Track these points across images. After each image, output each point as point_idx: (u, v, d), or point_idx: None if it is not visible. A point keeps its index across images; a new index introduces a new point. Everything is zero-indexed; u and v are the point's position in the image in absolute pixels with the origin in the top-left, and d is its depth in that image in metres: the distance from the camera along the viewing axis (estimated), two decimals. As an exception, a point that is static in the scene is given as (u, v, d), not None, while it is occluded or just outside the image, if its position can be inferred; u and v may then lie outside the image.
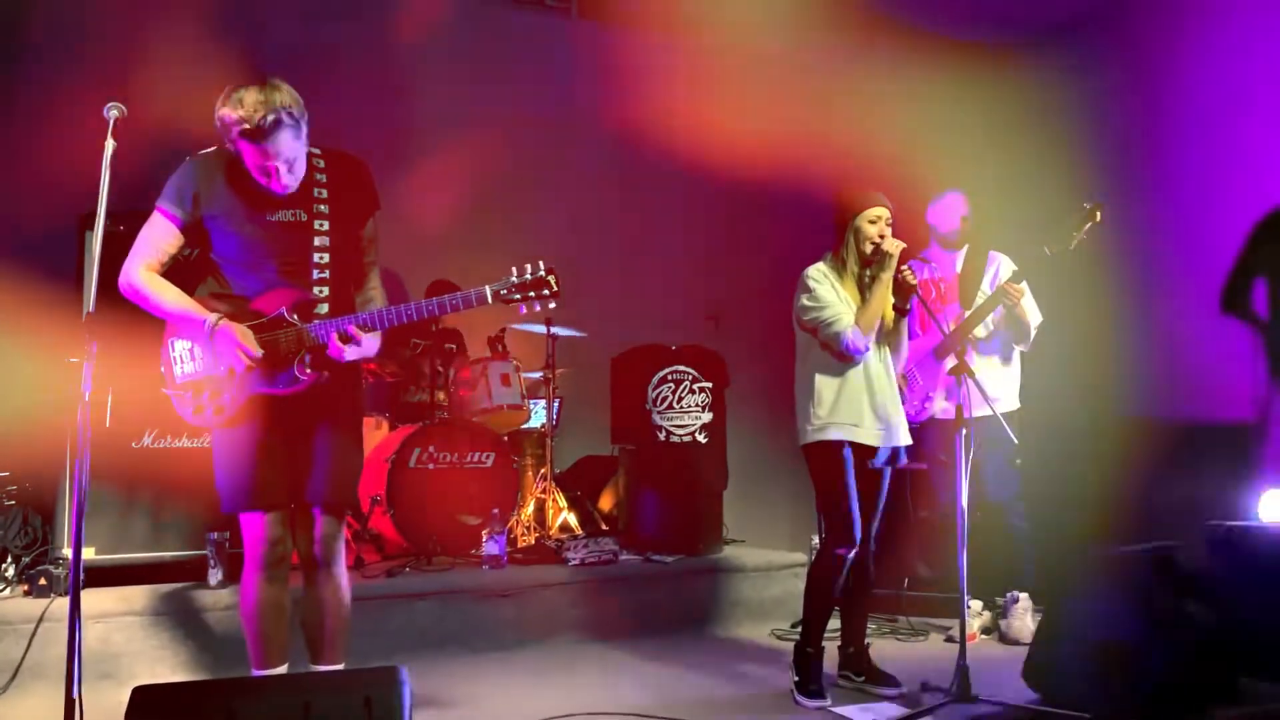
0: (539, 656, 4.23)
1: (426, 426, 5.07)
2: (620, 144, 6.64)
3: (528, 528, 5.36)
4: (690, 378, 5.15)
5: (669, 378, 5.12)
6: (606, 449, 5.72)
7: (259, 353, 2.77)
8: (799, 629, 3.73)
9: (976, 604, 4.52)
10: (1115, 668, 3.23)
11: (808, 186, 5.74)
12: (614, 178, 6.70)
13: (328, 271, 2.86)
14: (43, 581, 3.80)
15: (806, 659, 3.61)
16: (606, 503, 5.73)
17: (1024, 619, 4.36)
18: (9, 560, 3.90)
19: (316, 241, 2.86)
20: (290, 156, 2.73)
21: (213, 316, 2.78)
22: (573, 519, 5.57)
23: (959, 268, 4.57)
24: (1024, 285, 4.24)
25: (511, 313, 5.69)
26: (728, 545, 5.31)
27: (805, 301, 3.63)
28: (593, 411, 5.77)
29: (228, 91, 2.69)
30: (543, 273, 2.81)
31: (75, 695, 2.31)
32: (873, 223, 3.61)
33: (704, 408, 5.15)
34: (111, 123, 2.60)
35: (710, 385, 5.18)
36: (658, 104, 6.81)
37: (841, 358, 3.58)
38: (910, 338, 4.30)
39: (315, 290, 2.85)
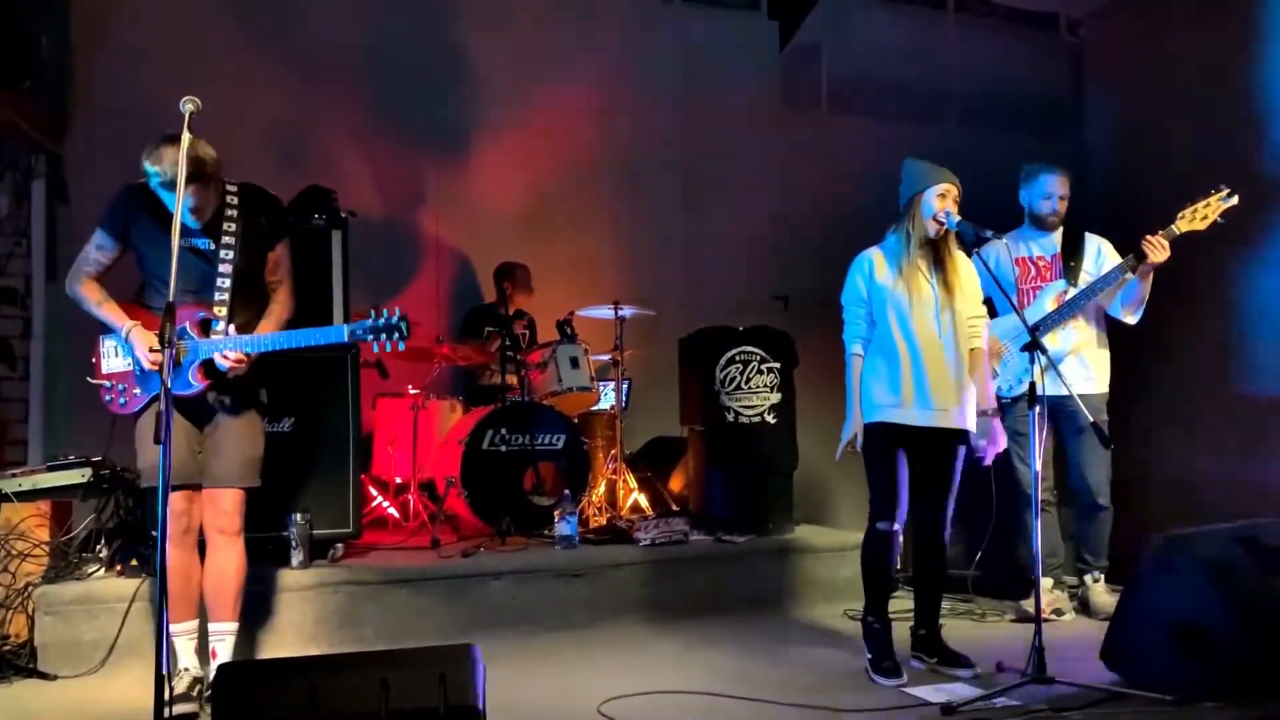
0: (611, 635, 4.27)
1: (499, 409, 5.14)
2: (689, 124, 6.63)
3: (599, 508, 5.41)
4: (758, 358, 5.13)
5: (737, 359, 5.11)
6: (675, 430, 5.73)
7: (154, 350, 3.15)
8: (871, 609, 3.72)
9: (1047, 581, 4.45)
10: (1198, 649, 3.16)
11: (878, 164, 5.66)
12: (682, 158, 6.68)
13: (228, 294, 3.25)
14: (134, 562, 3.94)
15: (874, 634, 3.60)
16: (676, 483, 5.75)
17: (1105, 595, 4.35)
18: (102, 541, 4.05)
19: (221, 268, 3.25)
20: (197, 206, 3.12)
21: (127, 325, 3.22)
22: (643, 500, 5.60)
23: (1056, 248, 4.49)
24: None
25: (581, 298, 5.80)
26: (799, 526, 5.29)
27: (845, 291, 3.66)
28: (661, 393, 5.78)
29: (151, 145, 3.06)
30: (395, 319, 3.22)
31: (164, 671, 2.39)
32: (941, 197, 3.53)
33: (773, 388, 5.12)
34: (187, 116, 2.78)
35: (779, 366, 5.16)
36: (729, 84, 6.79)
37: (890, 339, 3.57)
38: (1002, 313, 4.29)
39: (216, 309, 3.23)
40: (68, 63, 5.37)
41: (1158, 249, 4.09)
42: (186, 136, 2.79)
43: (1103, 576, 4.46)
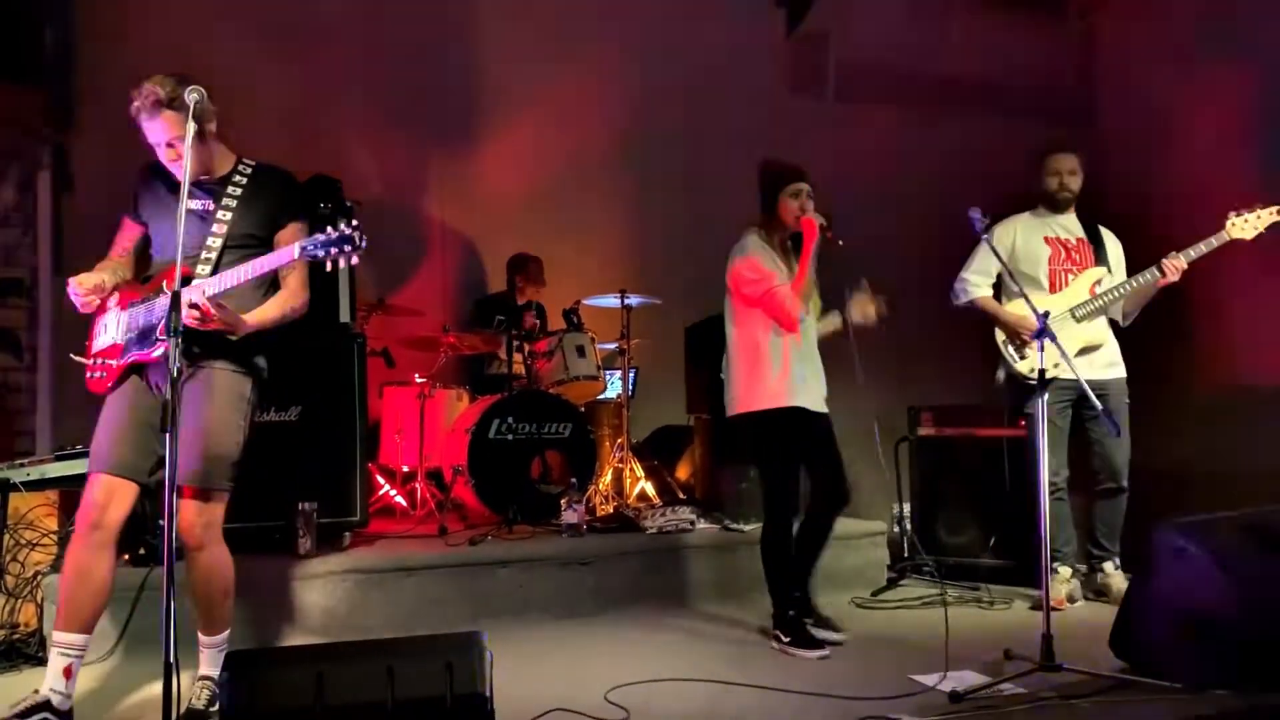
0: (618, 623, 4.27)
1: (505, 398, 5.14)
2: (696, 112, 6.60)
3: (606, 497, 5.41)
4: (765, 346, 5.11)
5: (744, 346, 5.09)
6: (682, 419, 5.73)
7: (84, 284, 3.05)
8: (879, 597, 3.71)
9: (1065, 570, 4.43)
10: (1206, 635, 3.14)
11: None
12: (688, 145, 6.66)
13: (214, 254, 3.08)
14: (142, 551, 3.96)
15: (794, 622, 3.75)
16: (683, 472, 5.75)
17: (1118, 578, 4.38)
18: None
19: (213, 229, 3.11)
20: (166, 138, 2.99)
21: (109, 289, 3.13)
22: (650, 488, 5.60)
23: (1079, 231, 4.47)
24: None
25: (587, 286, 5.78)
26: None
27: (746, 273, 3.66)
28: (668, 382, 5.78)
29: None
30: (349, 231, 2.90)
31: (171, 659, 2.40)
32: (794, 196, 3.74)
33: (780, 376, 5.10)
34: (191, 105, 2.76)
35: (786, 353, 5.14)
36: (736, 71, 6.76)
37: (785, 326, 3.68)
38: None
39: (199, 269, 3.05)
40: (73, 52, 5.35)
41: (1174, 272, 4.13)
42: (192, 126, 2.77)
43: (1120, 561, 4.46)
